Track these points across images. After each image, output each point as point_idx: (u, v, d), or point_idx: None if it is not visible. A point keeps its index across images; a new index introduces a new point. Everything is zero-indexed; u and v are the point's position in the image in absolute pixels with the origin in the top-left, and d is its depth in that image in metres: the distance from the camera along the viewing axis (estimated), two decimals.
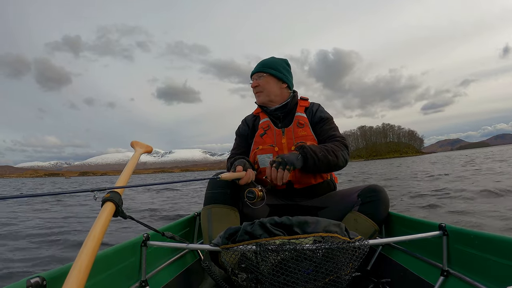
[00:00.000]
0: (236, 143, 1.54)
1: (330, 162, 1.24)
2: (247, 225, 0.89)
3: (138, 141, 1.22)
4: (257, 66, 1.49)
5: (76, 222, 4.40)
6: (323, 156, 1.22)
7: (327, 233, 0.85)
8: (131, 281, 0.94)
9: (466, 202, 4.29)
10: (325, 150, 1.24)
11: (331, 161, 1.24)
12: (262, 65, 1.48)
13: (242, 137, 1.52)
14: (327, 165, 1.24)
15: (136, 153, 1.12)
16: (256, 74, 1.47)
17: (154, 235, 1.02)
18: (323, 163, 1.23)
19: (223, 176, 1.07)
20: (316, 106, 1.48)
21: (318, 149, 1.24)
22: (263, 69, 1.47)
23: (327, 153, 1.24)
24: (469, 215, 3.41)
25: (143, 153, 1.17)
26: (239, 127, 1.56)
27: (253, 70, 1.51)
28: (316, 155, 1.20)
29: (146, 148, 1.20)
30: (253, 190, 1.12)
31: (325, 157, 1.22)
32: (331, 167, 1.27)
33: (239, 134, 1.55)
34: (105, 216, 0.69)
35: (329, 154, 1.24)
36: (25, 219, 4.81)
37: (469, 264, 0.86)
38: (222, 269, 1.04)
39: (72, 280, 0.54)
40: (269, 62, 1.48)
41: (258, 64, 1.50)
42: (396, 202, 4.71)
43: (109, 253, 0.86)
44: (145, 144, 1.22)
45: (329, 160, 1.23)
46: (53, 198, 8.03)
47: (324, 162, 1.22)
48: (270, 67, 1.46)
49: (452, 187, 6.02)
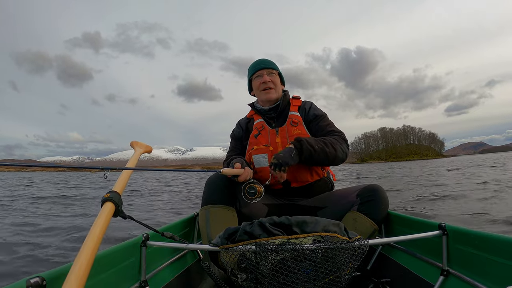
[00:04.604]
0: (231, 146, 1.56)
1: (328, 154, 1.24)
2: (246, 225, 0.90)
3: (138, 141, 1.22)
4: (264, 62, 1.47)
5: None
6: (320, 148, 1.22)
7: (326, 232, 0.85)
8: (131, 281, 0.95)
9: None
10: (322, 143, 1.25)
11: (329, 153, 1.24)
12: (269, 62, 1.48)
13: (237, 139, 1.54)
14: (325, 158, 1.24)
15: (136, 153, 1.12)
16: (267, 70, 1.45)
17: (154, 235, 1.02)
18: (321, 155, 1.23)
19: (224, 170, 1.10)
20: (309, 104, 1.49)
21: (314, 141, 1.24)
22: (274, 66, 1.47)
23: (325, 145, 1.24)
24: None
25: (142, 153, 1.17)
26: (233, 130, 1.58)
27: (258, 64, 1.47)
28: (312, 147, 1.21)
29: (145, 148, 1.20)
30: (254, 186, 1.17)
31: (322, 149, 1.23)
32: (330, 159, 1.27)
33: (233, 137, 1.56)
34: (105, 216, 0.70)
35: (327, 146, 1.25)
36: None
37: (469, 263, 0.86)
38: (222, 269, 1.04)
39: (72, 280, 0.54)
40: (272, 62, 1.49)
41: (262, 61, 1.49)
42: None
43: (109, 253, 0.86)
44: (144, 144, 1.23)
45: (326, 153, 1.24)
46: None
47: (322, 154, 1.23)
48: (276, 66, 1.48)
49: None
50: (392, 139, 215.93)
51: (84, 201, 7.07)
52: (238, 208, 1.27)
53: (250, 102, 1.58)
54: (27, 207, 5.79)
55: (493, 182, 6.83)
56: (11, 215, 4.70)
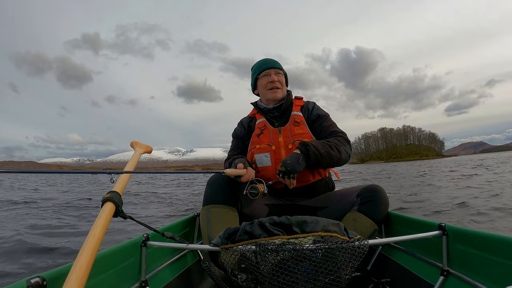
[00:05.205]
0: (233, 145, 1.56)
1: (333, 157, 1.25)
2: (247, 225, 0.90)
3: (138, 141, 1.22)
4: (272, 62, 1.49)
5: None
6: (326, 152, 1.23)
7: (326, 232, 0.85)
8: (131, 281, 0.95)
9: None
10: (327, 146, 1.26)
11: (334, 156, 1.25)
12: (277, 62, 1.50)
13: (239, 138, 1.54)
14: (330, 161, 1.25)
15: (136, 153, 1.12)
16: (274, 69, 1.47)
17: (154, 235, 1.02)
18: (326, 159, 1.24)
19: (227, 171, 1.11)
20: (312, 104, 1.49)
21: (320, 145, 1.24)
22: (280, 67, 1.49)
23: (330, 148, 1.25)
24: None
25: (143, 154, 1.18)
26: (235, 129, 1.58)
27: (266, 63, 1.49)
28: (318, 152, 1.21)
29: (146, 149, 1.21)
30: (257, 187, 1.18)
31: (327, 153, 1.23)
32: (335, 162, 1.28)
33: (235, 136, 1.56)
34: (105, 216, 0.70)
35: (332, 149, 1.26)
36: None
37: (469, 263, 0.86)
38: (222, 269, 1.04)
39: (72, 280, 0.54)
40: (278, 62, 1.51)
41: (269, 60, 1.50)
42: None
43: (109, 253, 0.86)
44: (144, 144, 1.23)
45: (332, 156, 1.24)
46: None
47: (327, 157, 1.24)
48: (282, 67, 1.50)
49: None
50: (392, 139, 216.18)
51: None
52: (240, 208, 1.27)
53: (253, 101, 1.58)
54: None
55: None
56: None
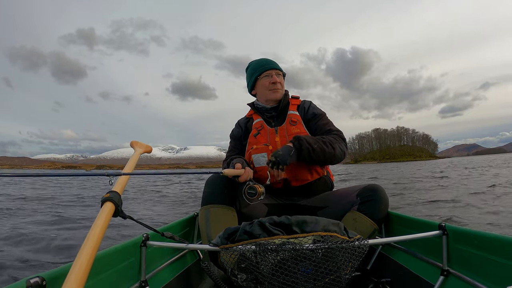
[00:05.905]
0: (231, 145, 1.56)
1: (326, 153, 1.25)
2: (246, 225, 0.89)
3: (138, 141, 1.22)
4: (273, 63, 1.50)
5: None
6: (319, 147, 1.23)
7: (326, 232, 0.85)
8: (131, 281, 0.94)
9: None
10: (321, 142, 1.26)
11: (327, 152, 1.25)
12: (277, 63, 1.51)
13: (236, 139, 1.55)
14: (323, 157, 1.25)
15: (136, 153, 1.12)
16: (275, 70, 1.49)
17: (154, 235, 1.02)
18: (319, 155, 1.24)
19: (225, 171, 1.11)
20: (308, 103, 1.50)
21: (313, 140, 1.25)
22: (281, 68, 1.51)
23: (324, 144, 1.25)
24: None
25: (142, 153, 1.17)
26: (233, 130, 1.59)
27: (268, 64, 1.50)
28: (311, 146, 1.22)
29: (145, 148, 1.21)
30: (255, 187, 1.16)
31: (321, 148, 1.24)
32: (328, 158, 1.28)
33: (233, 137, 1.57)
34: (104, 216, 0.70)
35: (326, 145, 1.26)
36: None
37: (469, 263, 0.86)
38: (222, 269, 1.04)
39: (71, 280, 0.54)
40: (278, 64, 1.52)
41: (270, 61, 1.51)
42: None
43: (109, 253, 0.86)
44: (144, 144, 1.23)
45: (325, 152, 1.25)
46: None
47: (320, 153, 1.24)
48: (281, 68, 1.51)
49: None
50: (386, 140, 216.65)
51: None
52: (238, 208, 1.27)
53: (249, 102, 1.58)
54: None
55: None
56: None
